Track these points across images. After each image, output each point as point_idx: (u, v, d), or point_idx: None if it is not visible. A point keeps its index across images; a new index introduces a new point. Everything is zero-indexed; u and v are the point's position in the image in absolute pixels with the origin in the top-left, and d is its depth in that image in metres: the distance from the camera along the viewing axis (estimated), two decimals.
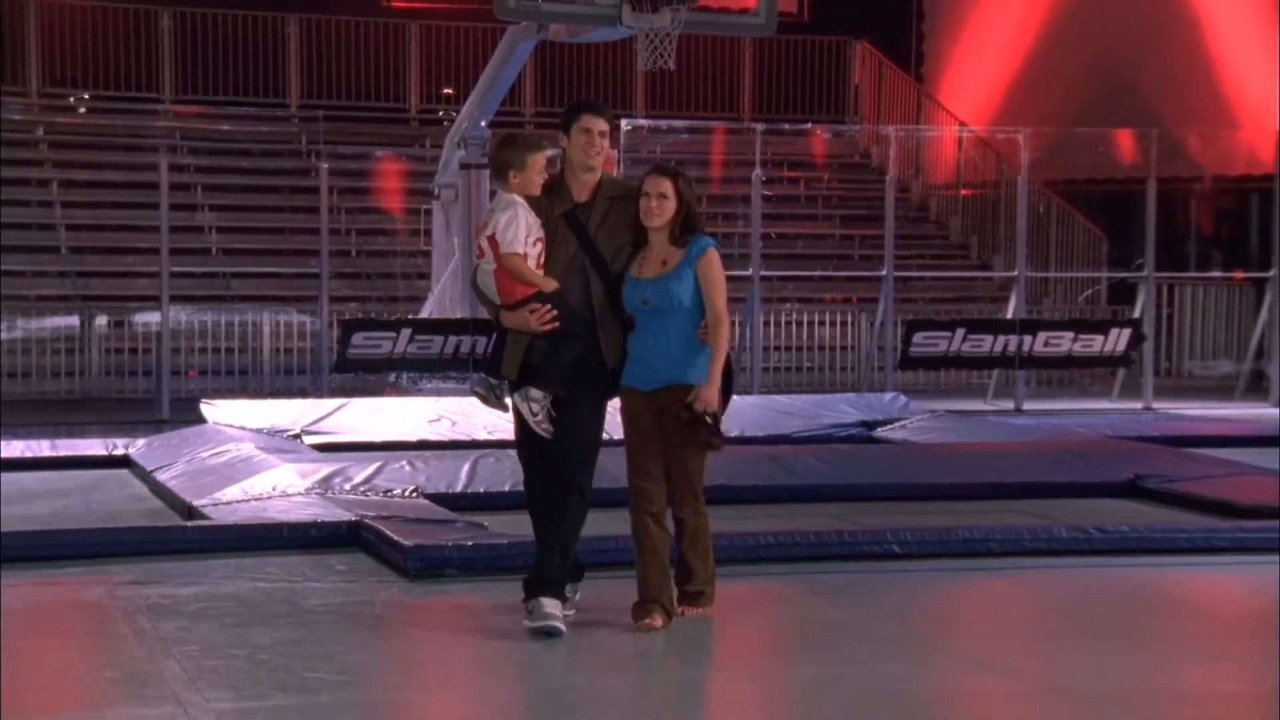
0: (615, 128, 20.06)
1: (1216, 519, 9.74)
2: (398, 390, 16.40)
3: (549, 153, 6.87)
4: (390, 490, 9.99)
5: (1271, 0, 25.70)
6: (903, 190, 23.66)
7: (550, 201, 6.65)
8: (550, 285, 6.54)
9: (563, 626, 6.59)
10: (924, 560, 8.60)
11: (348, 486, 10.06)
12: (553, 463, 6.68)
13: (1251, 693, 6.33)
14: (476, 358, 15.63)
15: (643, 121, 19.69)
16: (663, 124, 20.31)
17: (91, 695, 5.92)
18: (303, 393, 16.25)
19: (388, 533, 8.45)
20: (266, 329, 17.94)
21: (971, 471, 11.57)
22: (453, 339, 16.00)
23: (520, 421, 6.68)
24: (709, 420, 6.62)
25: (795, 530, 8.99)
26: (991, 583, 8.45)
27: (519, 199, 6.61)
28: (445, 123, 24.65)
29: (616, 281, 6.68)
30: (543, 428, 6.55)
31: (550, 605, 6.60)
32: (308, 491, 9.88)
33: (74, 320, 17.42)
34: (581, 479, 6.67)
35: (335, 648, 6.66)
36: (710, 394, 6.60)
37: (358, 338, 16.05)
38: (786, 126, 23.16)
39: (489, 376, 6.88)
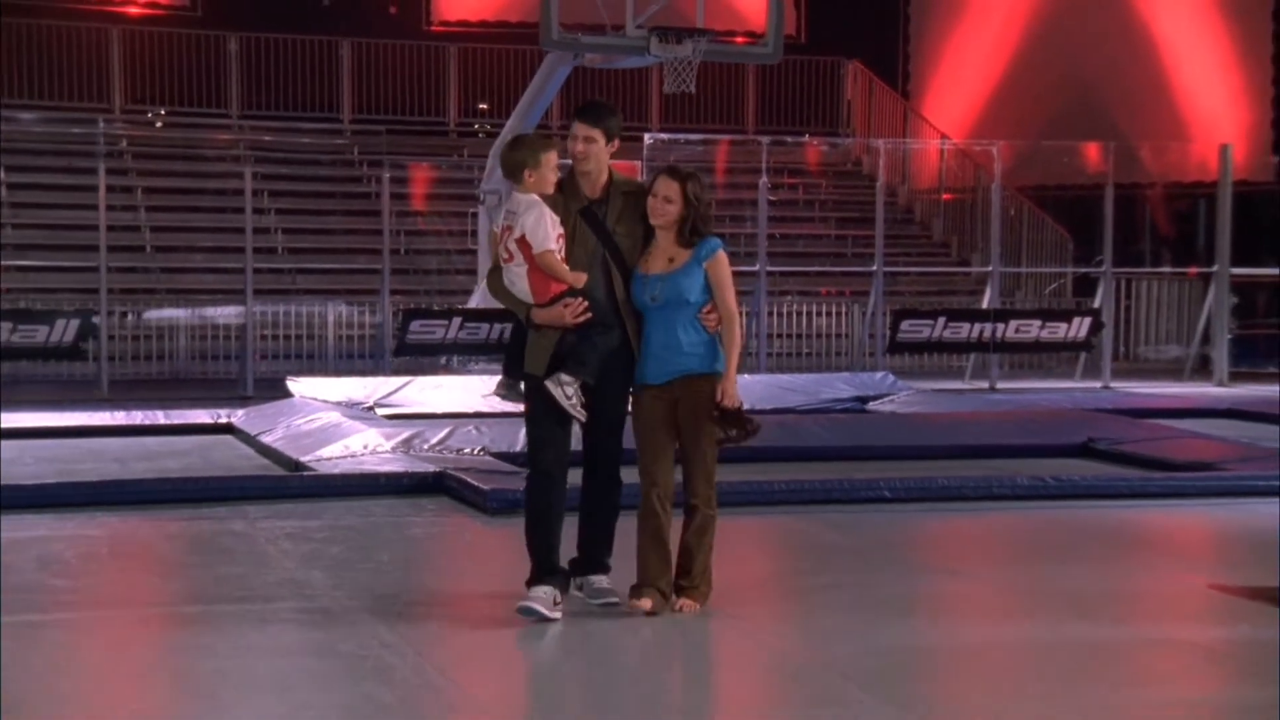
0: (636, 139, 21.21)
1: (1154, 471, 10.87)
2: (449, 370, 17.45)
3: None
4: (461, 449, 11.09)
5: (1220, 27, 26.64)
6: (891, 195, 24.48)
7: (566, 199, 6.45)
8: (581, 280, 6.33)
9: (618, 598, 6.55)
10: (910, 503, 9.67)
11: (425, 446, 11.16)
12: (592, 452, 6.56)
13: (1177, 591, 7.53)
14: None
15: (662, 135, 20.64)
16: (680, 137, 21.22)
17: (264, 593, 7.04)
18: (364, 373, 17.28)
19: (469, 480, 9.59)
20: (330, 318, 18.98)
21: (949, 436, 12.54)
22: (497, 326, 17.05)
23: (540, 404, 6.38)
24: (736, 414, 6.48)
25: (804, 479, 10.11)
26: (965, 520, 9.45)
27: (537, 197, 6.37)
28: (481, 135, 25.71)
29: (632, 274, 6.53)
30: (576, 409, 6.30)
31: (600, 581, 6.63)
32: (393, 450, 10.98)
33: (180, 312, 18.38)
34: (616, 460, 6.59)
35: (441, 562, 7.83)
36: (732, 388, 6.45)
37: (415, 325, 17.16)
38: (789, 139, 24.02)
39: (506, 378, 6.63)
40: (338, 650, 6.01)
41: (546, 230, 6.28)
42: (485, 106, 25.75)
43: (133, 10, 24.76)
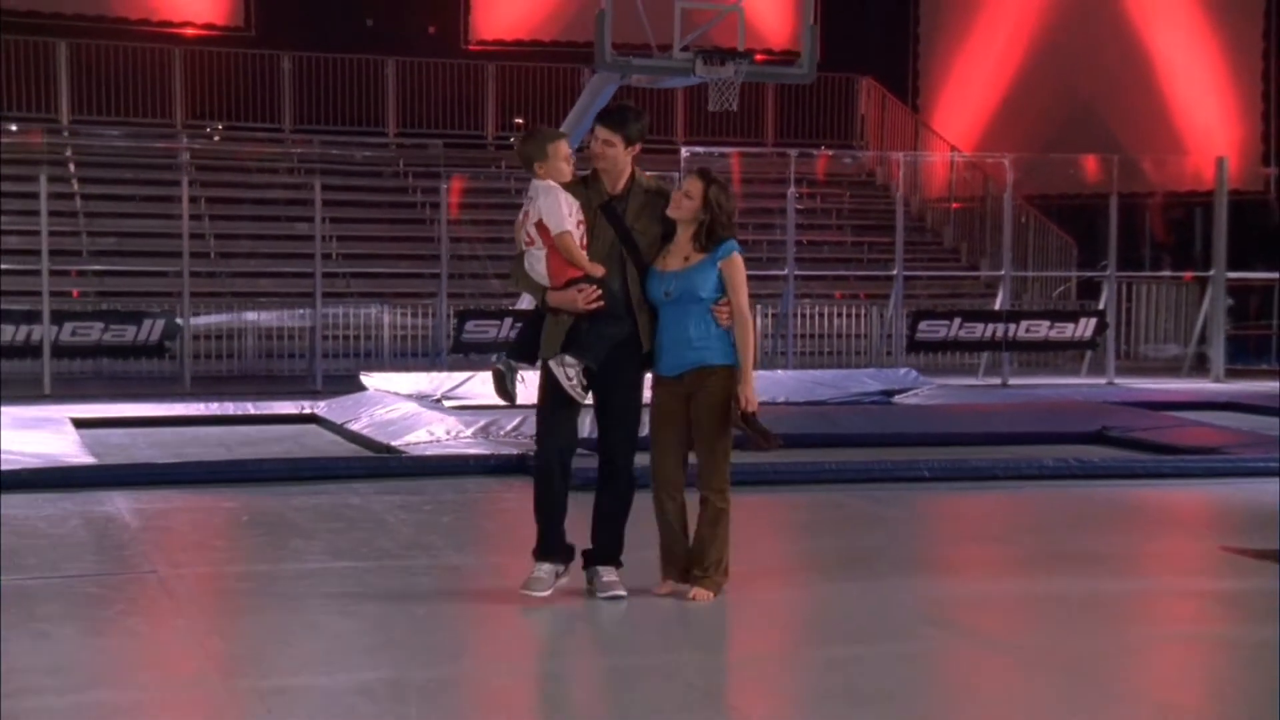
0: (670, 153, 21.91)
1: (1164, 455, 11.62)
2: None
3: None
4: (534, 435, 11.86)
5: (1213, 45, 27.34)
6: (903, 204, 25.25)
7: (589, 193, 6.45)
8: (598, 271, 6.31)
9: (624, 591, 6.55)
10: (946, 482, 10.41)
11: (501, 433, 11.92)
12: (605, 444, 6.57)
13: (1193, 552, 8.30)
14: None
15: (698, 149, 21.39)
16: (715, 150, 21.96)
17: (395, 552, 7.82)
18: (420, 370, 17.95)
19: None
20: (386, 320, 19.74)
21: (973, 424, 13.28)
22: None
23: (551, 389, 6.41)
24: (756, 420, 6.48)
25: (849, 459, 10.88)
26: (999, 496, 10.13)
27: (552, 183, 6.37)
28: (516, 147, 26.50)
29: (648, 270, 6.51)
30: (577, 391, 6.28)
31: (607, 572, 6.61)
32: (473, 435, 11.75)
33: (249, 314, 19.12)
34: (628, 455, 6.55)
35: (523, 519, 8.51)
36: (750, 391, 6.43)
37: (470, 325, 17.92)
38: (815, 152, 24.75)
39: (509, 358, 6.64)
40: (470, 589, 6.77)
41: (562, 213, 6.26)
42: (521, 121, 26.49)
43: (189, 31, 25.53)
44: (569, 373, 6.25)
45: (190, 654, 5.81)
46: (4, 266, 17.79)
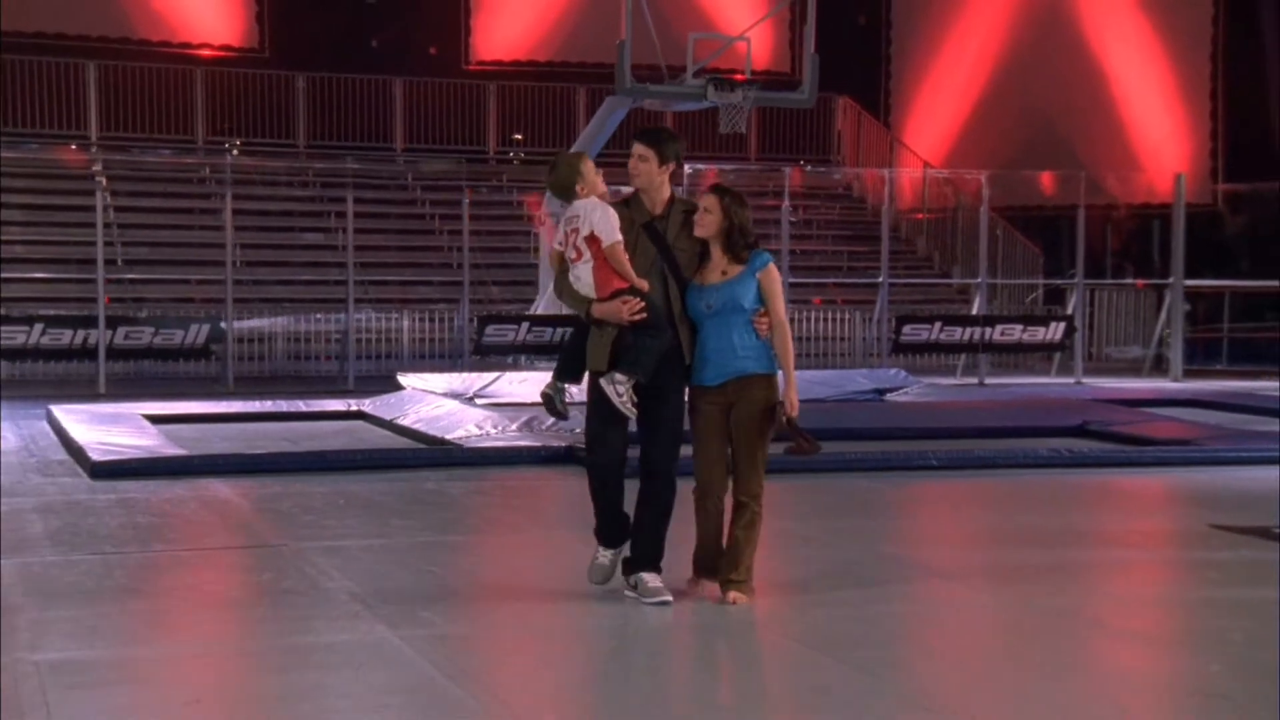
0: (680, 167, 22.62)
1: (1141, 447, 12.46)
2: (518, 368, 18.90)
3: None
4: (574, 429, 12.55)
5: (1166, 68, 28.31)
6: (876, 215, 26.05)
7: (632, 213, 6.47)
8: (644, 285, 6.32)
9: (669, 597, 6.44)
10: (953, 470, 11.20)
11: (543, 427, 12.63)
12: (646, 452, 6.51)
13: (1183, 528, 9.10)
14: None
15: (701, 165, 22.17)
16: (717, 167, 22.74)
17: (484, 527, 8.56)
18: (442, 370, 18.62)
19: None
20: (406, 324, 20.44)
21: (965, 419, 14.03)
22: (560, 329, 18.57)
23: (599, 402, 6.36)
24: (798, 426, 6.49)
25: (863, 450, 11.66)
26: (1001, 482, 10.82)
27: (597, 199, 6.39)
28: (516, 162, 27.23)
29: (688, 286, 6.53)
30: (628, 408, 6.24)
31: (651, 579, 6.49)
32: (519, 429, 12.48)
33: (281, 319, 19.77)
34: (670, 464, 6.48)
35: (584, 502, 9.29)
36: (794, 395, 6.47)
37: (490, 329, 18.64)
38: (808, 168, 25.50)
39: (556, 380, 6.62)
40: (562, 544, 7.52)
41: (613, 225, 6.29)
42: (520, 136, 27.24)
43: (206, 52, 26.15)
44: (619, 389, 6.22)
45: (342, 606, 6.49)
46: (46, 275, 18.44)
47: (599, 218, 6.30)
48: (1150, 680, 5.67)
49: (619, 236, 6.29)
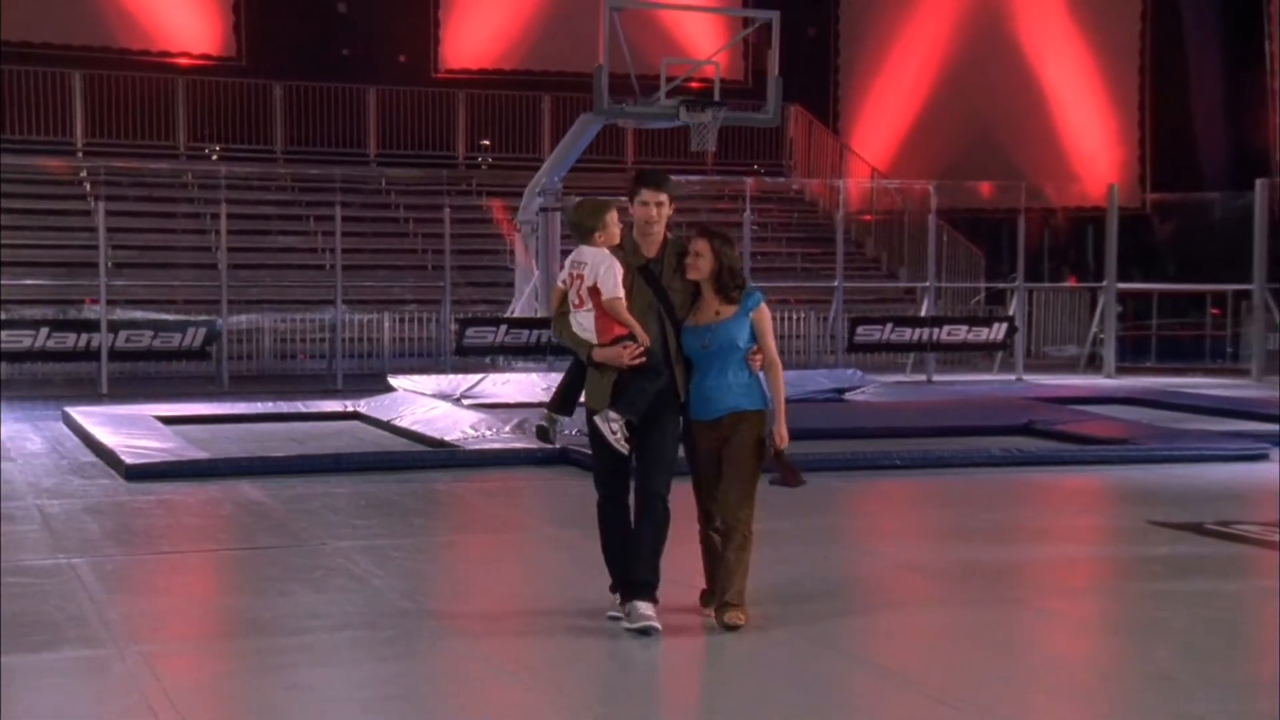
0: (621, 170, 23.10)
1: (1086, 446, 13.25)
2: (496, 369, 19.50)
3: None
4: (562, 430, 13.22)
5: (1098, 80, 29.25)
6: (826, 217, 26.84)
7: (628, 256, 6.52)
8: (647, 340, 6.42)
9: (658, 625, 6.43)
10: (915, 469, 11.95)
11: (534, 428, 13.28)
12: (642, 478, 6.57)
13: (1124, 525, 9.85)
14: (554, 346, 18.72)
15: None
16: (682, 179, 23.40)
17: (499, 527, 9.22)
18: (421, 370, 19.22)
19: (588, 452, 11.74)
20: (387, 325, 21.00)
21: (921, 419, 14.78)
22: (535, 331, 19.22)
23: (597, 441, 6.50)
24: (785, 457, 6.68)
25: (835, 451, 12.35)
26: (959, 480, 11.54)
27: (608, 251, 6.47)
28: (484, 167, 27.82)
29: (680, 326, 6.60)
30: (621, 445, 6.37)
31: (645, 607, 6.47)
32: (512, 431, 13.13)
33: (266, 318, 20.26)
34: (664, 489, 6.55)
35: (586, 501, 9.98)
36: (783, 430, 6.64)
37: (470, 331, 19.25)
38: (771, 179, 26.11)
39: (550, 411, 6.85)
40: (570, 541, 8.20)
41: (616, 281, 6.40)
42: (488, 142, 27.83)
43: (184, 61, 26.58)
44: (613, 427, 6.35)
45: (393, 603, 7.14)
46: (36, 282, 18.84)
47: (604, 271, 6.40)
48: (1102, 664, 6.43)
49: (620, 293, 6.39)
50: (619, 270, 6.40)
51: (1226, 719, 5.41)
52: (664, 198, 6.51)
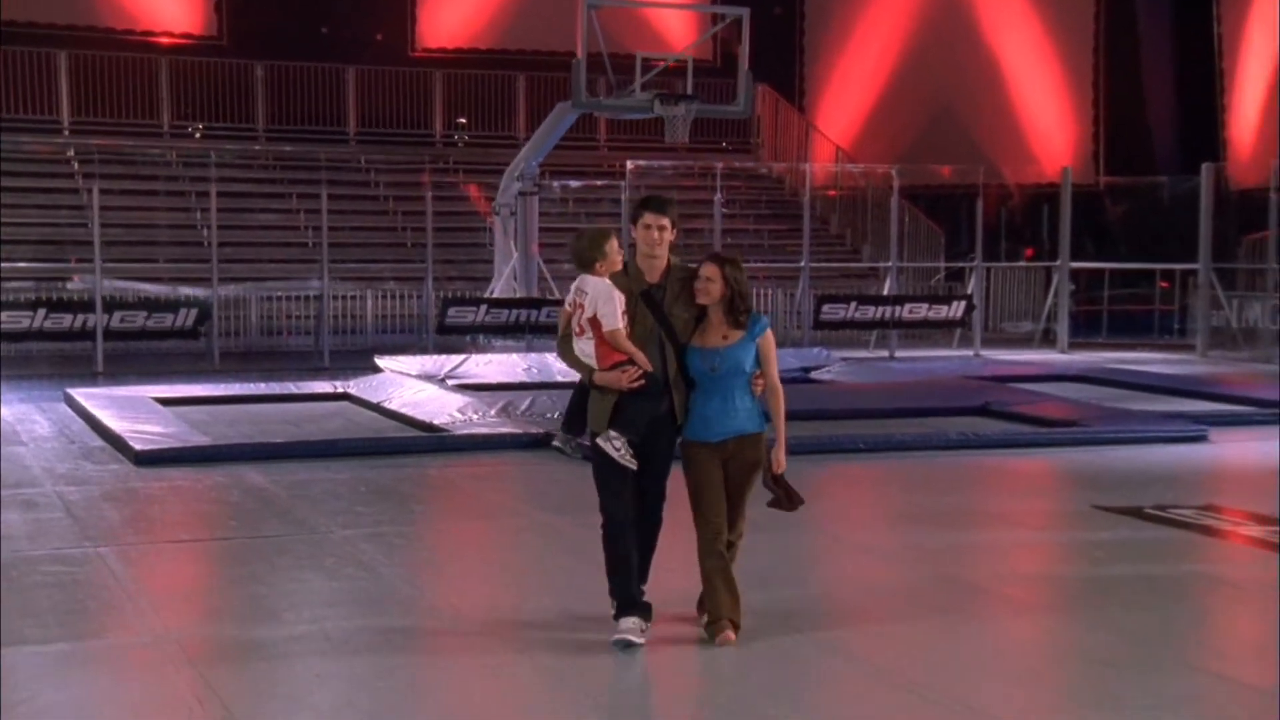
0: (594, 150, 23.52)
1: (1037, 427, 13.85)
2: (477, 348, 19.98)
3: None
4: (545, 414, 13.74)
5: (1054, 61, 29.82)
6: (793, 194, 27.36)
7: (630, 282, 6.59)
8: (649, 366, 6.53)
9: (641, 640, 6.55)
10: (878, 452, 12.52)
11: (519, 412, 13.77)
12: (644, 497, 6.72)
13: (1069, 509, 10.48)
14: (533, 325, 19.26)
15: (643, 162, 23.31)
16: (655, 164, 23.90)
17: (491, 511, 9.75)
18: (402, 349, 19.56)
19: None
20: (370, 304, 21.44)
21: (882, 400, 15.33)
22: (515, 311, 19.72)
23: (603, 458, 6.55)
24: (784, 480, 6.78)
25: (801, 436, 12.80)
26: (919, 463, 12.12)
27: (609, 282, 6.54)
28: (460, 145, 28.18)
29: (683, 350, 6.66)
30: (627, 460, 6.50)
31: (627, 622, 6.60)
32: (498, 414, 13.60)
33: (253, 295, 20.66)
34: (659, 506, 6.79)
35: (580, 483, 10.51)
36: (782, 454, 6.76)
37: (452, 310, 19.72)
38: (738, 159, 26.55)
39: (564, 432, 7.06)
40: (563, 529, 8.73)
41: (616, 313, 6.49)
42: (464, 120, 28.19)
43: (166, 40, 26.83)
44: (615, 445, 6.47)
45: (408, 589, 7.67)
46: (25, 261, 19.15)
47: (604, 301, 6.50)
48: (1048, 648, 7.01)
49: (620, 324, 6.48)
50: (619, 301, 6.51)
51: (1163, 701, 5.98)
52: (666, 221, 6.57)
